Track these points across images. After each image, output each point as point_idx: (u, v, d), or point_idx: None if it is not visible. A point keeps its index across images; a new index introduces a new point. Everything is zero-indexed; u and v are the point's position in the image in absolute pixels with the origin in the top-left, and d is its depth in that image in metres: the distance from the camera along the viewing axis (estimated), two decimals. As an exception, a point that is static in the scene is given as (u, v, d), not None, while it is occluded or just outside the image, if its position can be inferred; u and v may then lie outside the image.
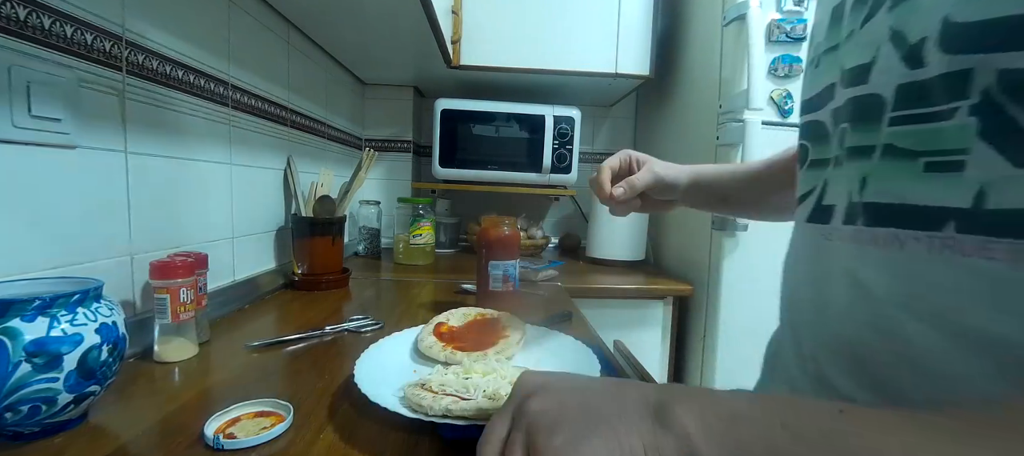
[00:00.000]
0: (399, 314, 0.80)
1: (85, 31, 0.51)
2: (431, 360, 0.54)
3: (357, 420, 0.43)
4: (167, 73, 0.64)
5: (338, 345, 0.63)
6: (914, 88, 0.30)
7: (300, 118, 1.07)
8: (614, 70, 1.32)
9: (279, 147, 0.98)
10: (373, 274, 1.16)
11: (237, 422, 0.41)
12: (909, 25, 0.30)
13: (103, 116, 0.54)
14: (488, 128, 1.43)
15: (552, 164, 1.42)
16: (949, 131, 0.29)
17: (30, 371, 0.35)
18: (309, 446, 0.38)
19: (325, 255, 0.98)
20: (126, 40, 0.57)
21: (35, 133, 0.46)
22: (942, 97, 0.28)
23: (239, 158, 0.83)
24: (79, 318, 0.38)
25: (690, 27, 1.31)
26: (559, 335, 0.60)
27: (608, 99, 1.65)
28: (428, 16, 0.94)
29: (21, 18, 0.45)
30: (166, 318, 0.55)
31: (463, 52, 1.29)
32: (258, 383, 0.51)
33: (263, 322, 0.74)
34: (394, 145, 1.60)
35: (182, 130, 0.68)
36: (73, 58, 0.50)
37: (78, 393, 0.38)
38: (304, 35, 1.07)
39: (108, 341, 0.40)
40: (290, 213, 1.03)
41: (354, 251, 1.41)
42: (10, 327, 0.35)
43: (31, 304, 0.36)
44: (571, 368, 0.50)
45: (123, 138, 0.57)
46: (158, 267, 0.55)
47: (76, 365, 0.37)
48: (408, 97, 1.58)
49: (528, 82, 1.43)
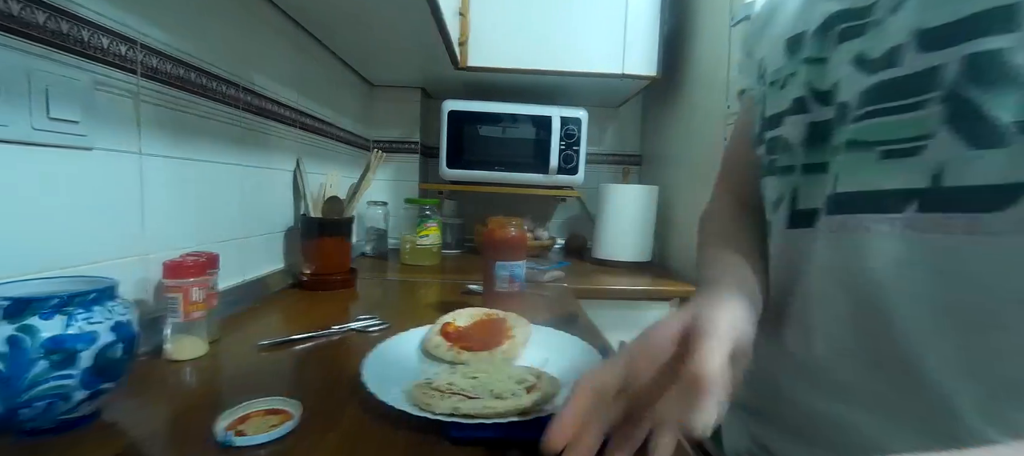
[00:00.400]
0: (405, 314, 0.81)
1: (101, 35, 0.52)
2: (438, 360, 0.54)
3: (364, 419, 0.43)
4: (180, 76, 0.65)
5: (345, 345, 0.64)
6: (886, 86, 0.34)
7: (309, 120, 1.08)
8: (621, 71, 1.32)
9: (289, 149, 0.99)
10: (380, 274, 1.16)
11: (247, 420, 0.42)
12: (877, 47, 0.35)
13: (118, 118, 0.55)
14: (495, 129, 1.43)
15: (559, 165, 1.42)
16: (914, 121, 0.32)
17: (47, 368, 0.36)
18: (317, 444, 0.39)
19: (333, 255, 0.99)
20: (141, 44, 0.58)
21: (53, 135, 0.47)
22: (914, 91, 0.32)
23: (249, 160, 0.84)
24: (95, 316, 0.39)
25: (698, 27, 1.30)
26: (565, 336, 0.61)
27: (615, 100, 1.64)
28: (435, 18, 0.94)
29: (40, 23, 0.46)
30: (178, 317, 0.56)
31: (470, 53, 1.29)
32: (267, 381, 0.52)
33: (272, 321, 0.75)
34: (401, 146, 1.61)
35: (195, 132, 0.69)
36: (89, 62, 0.51)
37: (93, 390, 0.39)
38: (313, 38, 1.08)
39: (122, 339, 0.41)
40: (299, 214, 1.04)
41: (361, 251, 1.42)
42: (29, 324, 0.36)
43: (49, 302, 0.37)
44: (578, 369, 0.50)
45: (137, 140, 0.58)
46: (170, 267, 0.56)
47: (91, 362, 0.38)
48: (416, 98, 1.59)
49: (535, 83, 1.43)
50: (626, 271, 1.34)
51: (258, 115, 0.86)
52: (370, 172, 1.09)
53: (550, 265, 1.24)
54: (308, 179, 1.02)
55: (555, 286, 1.10)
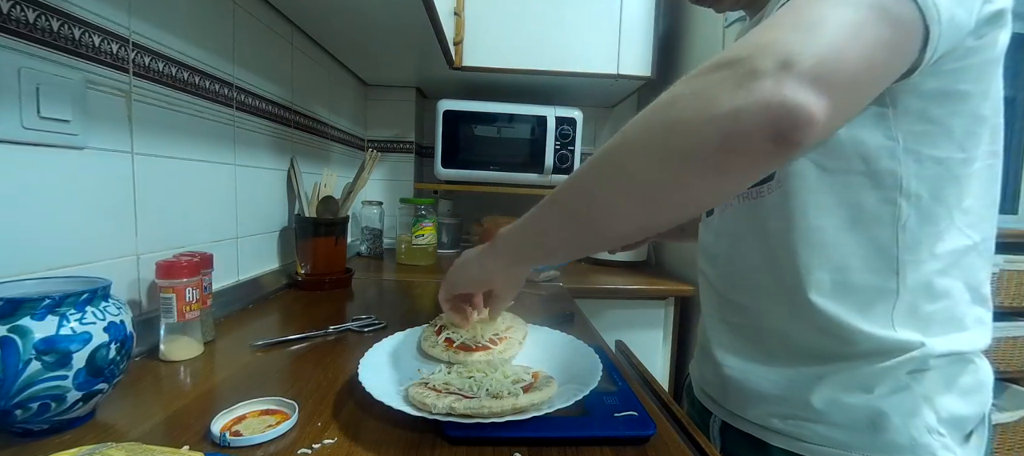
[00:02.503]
0: (402, 314, 0.80)
1: (93, 34, 0.52)
2: (434, 360, 0.54)
3: (361, 419, 0.43)
4: (173, 75, 0.65)
5: (341, 345, 0.63)
6: None
7: (303, 119, 1.08)
8: (616, 71, 1.33)
9: (283, 148, 0.98)
10: (376, 274, 1.16)
11: (243, 420, 0.41)
12: None
13: (110, 117, 0.55)
14: (490, 129, 1.43)
15: (554, 165, 1.42)
16: None
17: (40, 369, 0.36)
18: (314, 444, 0.39)
19: (328, 255, 0.98)
20: (133, 42, 0.57)
21: (44, 134, 0.47)
22: None
23: (243, 159, 0.83)
24: (88, 317, 0.39)
25: (691, 28, 1.31)
26: (561, 335, 0.61)
27: (610, 100, 1.65)
28: (430, 18, 0.94)
29: (31, 21, 0.45)
30: (172, 317, 0.55)
31: (465, 53, 1.29)
32: (263, 382, 0.51)
33: (267, 321, 0.75)
34: (397, 146, 1.60)
35: (188, 131, 0.68)
36: (81, 60, 0.51)
37: (87, 391, 0.39)
38: (307, 37, 1.08)
39: (116, 339, 0.40)
40: (293, 213, 1.03)
41: (357, 251, 1.42)
42: (20, 325, 0.35)
43: (41, 303, 0.37)
44: (574, 368, 0.50)
45: (130, 139, 0.58)
46: (164, 267, 0.55)
47: (85, 363, 0.38)
48: (410, 98, 1.58)
49: (530, 83, 1.43)
50: (622, 270, 1.35)
51: (252, 114, 0.85)
52: (365, 172, 1.09)
53: (546, 265, 1.24)
54: (303, 179, 1.01)
55: (551, 285, 1.10)
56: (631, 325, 1.18)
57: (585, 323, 0.80)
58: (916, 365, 0.40)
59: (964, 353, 0.41)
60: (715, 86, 0.29)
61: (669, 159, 0.31)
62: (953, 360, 0.41)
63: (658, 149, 0.32)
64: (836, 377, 0.42)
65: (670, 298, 1.20)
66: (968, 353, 0.42)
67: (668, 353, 1.22)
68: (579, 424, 0.42)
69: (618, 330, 1.13)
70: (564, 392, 0.44)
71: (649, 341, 1.20)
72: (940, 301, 0.41)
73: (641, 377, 0.68)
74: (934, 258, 0.40)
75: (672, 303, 1.21)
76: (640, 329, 1.19)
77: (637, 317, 1.19)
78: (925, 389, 0.40)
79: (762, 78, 0.27)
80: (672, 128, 0.31)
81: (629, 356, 0.78)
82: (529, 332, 0.61)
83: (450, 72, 1.32)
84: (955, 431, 0.41)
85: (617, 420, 0.43)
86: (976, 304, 0.42)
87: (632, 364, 0.75)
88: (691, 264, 1.24)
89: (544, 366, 0.50)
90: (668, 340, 1.22)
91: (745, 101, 0.27)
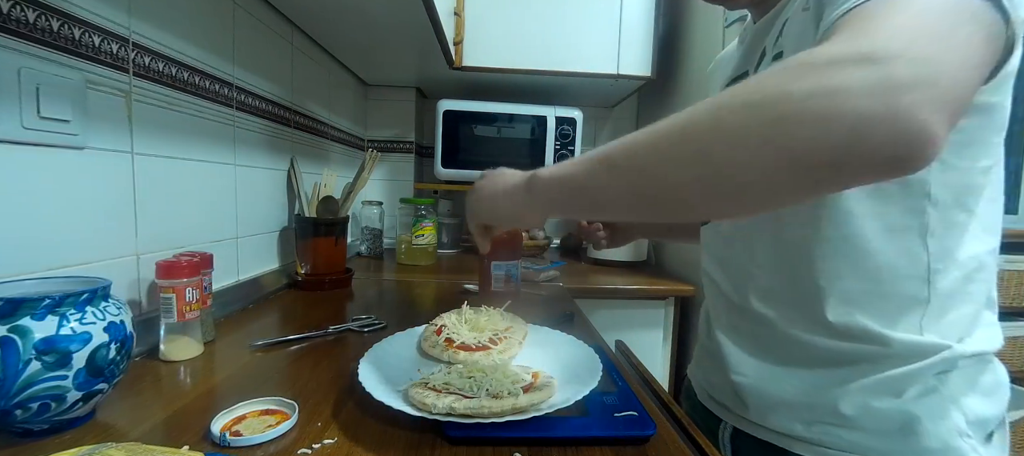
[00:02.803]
0: (402, 314, 0.80)
1: (93, 34, 0.52)
2: (434, 359, 0.54)
3: (361, 419, 0.43)
4: (173, 75, 0.65)
5: (341, 345, 0.63)
6: None
7: (303, 119, 1.08)
8: (616, 71, 1.33)
9: (283, 148, 0.98)
10: (376, 274, 1.16)
11: (243, 420, 0.41)
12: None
13: (110, 117, 0.55)
14: (490, 129, 1.43)
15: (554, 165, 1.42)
16: None
17: (40, 369, 0.36)
18: (314, 444, 0.39)
19: (328, 255, 0.98)
20: (133, 42, 0.57)
21: (44, 134, 0.47)
22: None
23: (243, 159, 0.83)
24: (88, 317, 0.39)
25: (691, 28, 1.31)
26: (561, 335, 0.61)
27: (610, 100, 1.65)
28: (430, 18, 0.94)
29: (31, 21, 0.45)
30: (172, 317, 0.55)
31: (465, 53, 1.29)
32: (263, 382, 0.51)
33: (267, 322, 0.75)
34: (397, 146, 1.60)
35: (187, 131, 0.68)
36: (81, 60, 0.51)
37: (87, 391, 0.39)
38: (307, 37, 1.08)
39: (116, 339, 0.40)
40: (293, 213, 1.03)
41: (357, 251, 1.42)
42: (20, 325, 0.35)
43: (41, 303, 0.37)
44: (573, 368, 0.50)
45: (130, 139, 0.58)
46: (164, 267, 0.55)
47: (85, 363, 0.38)
48: (411, 98, 1.58)
49: (530, 83, 1.43)
50: (622, 271, 1.35)
51: (252, 114, 0.85)
52: (365, 172, 1.09)
53: (546, 265, 1.24)
54: (303, 179, 1.01)
55: (551, 286, 1.10)
56: (631, 325, 1.18)
57: (585, 323, 0.80)
58: (944, 367, 0.40)
59: (985, 353, 0.42)
60: (845, 85, 0.25)
61: (774, 156, 0.27)
62: (976, 360, 0.41)
63: (758, 143, 0.27)
64: (863, 381, 0.42)
65: (670, 298, 1.20)
66: (987, 353, 0.42)
67: (668, 353, 1.22)
68: (579, 424, 0.42)
69: (618, 330, 1.13)
70: (564, 392, 0.44)
71: (649, 341, 1.20)
72: (964, 306, 0.41)
73: (641, 377, 0.68)
74: (958, 265, 0.40)
75: (672, 303, 1.21)
76: (640, 329, 1.19)
77: (637, 317, 1.19)
78: (951, 390, 0.40)
79: (903, 91, 0.24)
80: (783, 122, 0.26)
81: (629, 356, 0.78)
82: (529, 332, 0.61)
83: (450, 72, 1.32)
84: (979, 432, 0.41)
85: (617, 420, 0.43)
86: (989, 305, 0.43)
87: (632, 364, 0.75)
88: (691, 264, 1.24)
89: (544, 366, 0.50)
90: (668, 340, 1.22)
91: (883, 111, 0.24)
